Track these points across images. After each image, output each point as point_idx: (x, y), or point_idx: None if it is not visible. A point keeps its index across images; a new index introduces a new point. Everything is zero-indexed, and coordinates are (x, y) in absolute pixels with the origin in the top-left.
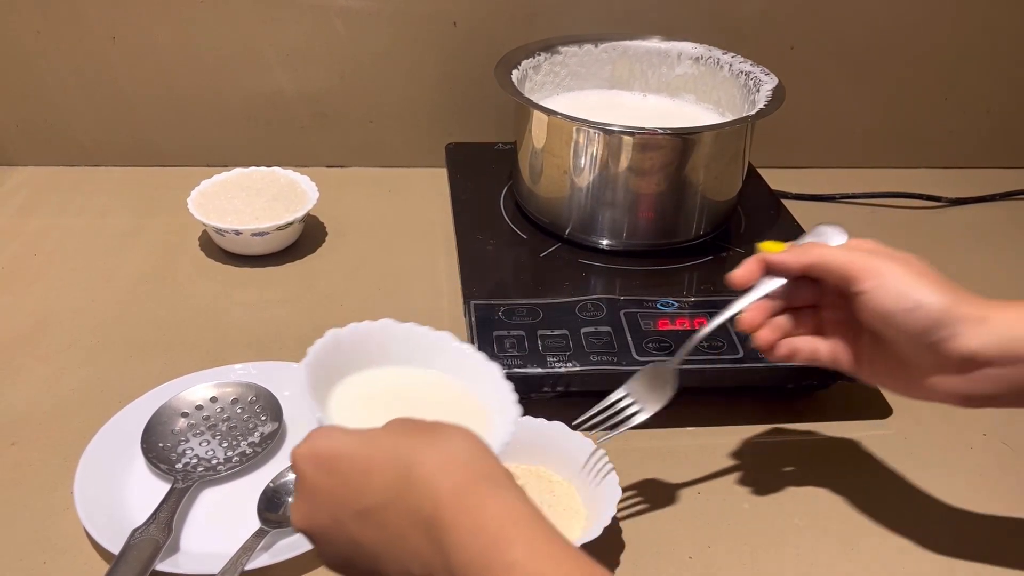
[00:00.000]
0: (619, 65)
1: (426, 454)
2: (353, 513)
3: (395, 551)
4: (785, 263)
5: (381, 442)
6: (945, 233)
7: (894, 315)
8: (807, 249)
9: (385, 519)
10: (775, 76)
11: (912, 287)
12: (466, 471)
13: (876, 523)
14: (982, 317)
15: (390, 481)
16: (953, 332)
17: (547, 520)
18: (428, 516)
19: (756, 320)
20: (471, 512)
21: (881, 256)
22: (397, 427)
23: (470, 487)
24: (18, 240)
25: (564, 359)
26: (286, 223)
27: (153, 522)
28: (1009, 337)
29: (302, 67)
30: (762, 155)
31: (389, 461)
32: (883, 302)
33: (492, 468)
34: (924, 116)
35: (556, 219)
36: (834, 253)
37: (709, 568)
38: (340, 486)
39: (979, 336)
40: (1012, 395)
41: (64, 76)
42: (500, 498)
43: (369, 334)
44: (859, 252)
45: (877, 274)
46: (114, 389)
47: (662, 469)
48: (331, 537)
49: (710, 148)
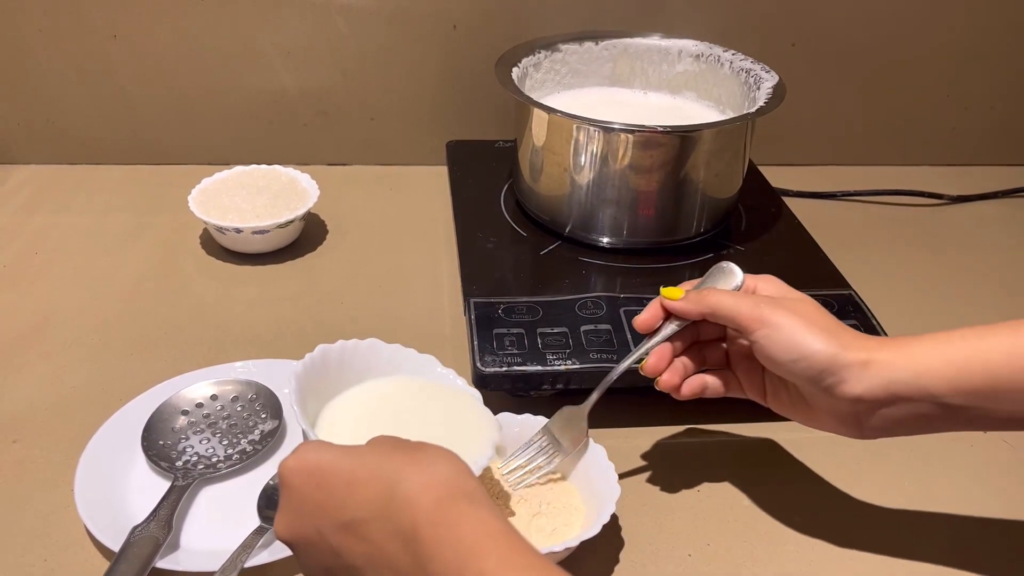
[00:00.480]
0: (620, 63)
1: (410, 472)
2: (336, 525)
3: (375, 564)
4: (683, 310)
5: (367, 459)
6: (947, 231)
7: (784, 364)
8: (702, 296)
9: (367, 532)
10: (776, 73)
11: (799, 337)
12: (446, 489)
13: (877, 520)
14: (865, 361)
15: (373, 496)
16: (839, 378)
17: (520, 536)
18: (408, 531)
19: (659, 366)
20: (449, 527)
21: (770, 305)
22: (383, 445)
23: (449, 504)
24: (20, 238)
25: (564, 357)
26: (287, 221)
27: (153, 520)
28: (889, 379)
29: (304, 65)
30: (763, 152)
31: (374, 477)
32: (771, 352)
33: (471, 487)
34: (926, 113)
35: (556, 217)
36: (725, 302)
37: (709, 566)
38: (326, 499)
39: (862, 381)
40: (904, 428)
41: (66, 74)
42: (476, 515)
43: (356, 351)
44: (749, 301)
45: (765, 324)
46: (115, 387)
47: (662, 467)
48: (313, 548)
49: (710, 146)
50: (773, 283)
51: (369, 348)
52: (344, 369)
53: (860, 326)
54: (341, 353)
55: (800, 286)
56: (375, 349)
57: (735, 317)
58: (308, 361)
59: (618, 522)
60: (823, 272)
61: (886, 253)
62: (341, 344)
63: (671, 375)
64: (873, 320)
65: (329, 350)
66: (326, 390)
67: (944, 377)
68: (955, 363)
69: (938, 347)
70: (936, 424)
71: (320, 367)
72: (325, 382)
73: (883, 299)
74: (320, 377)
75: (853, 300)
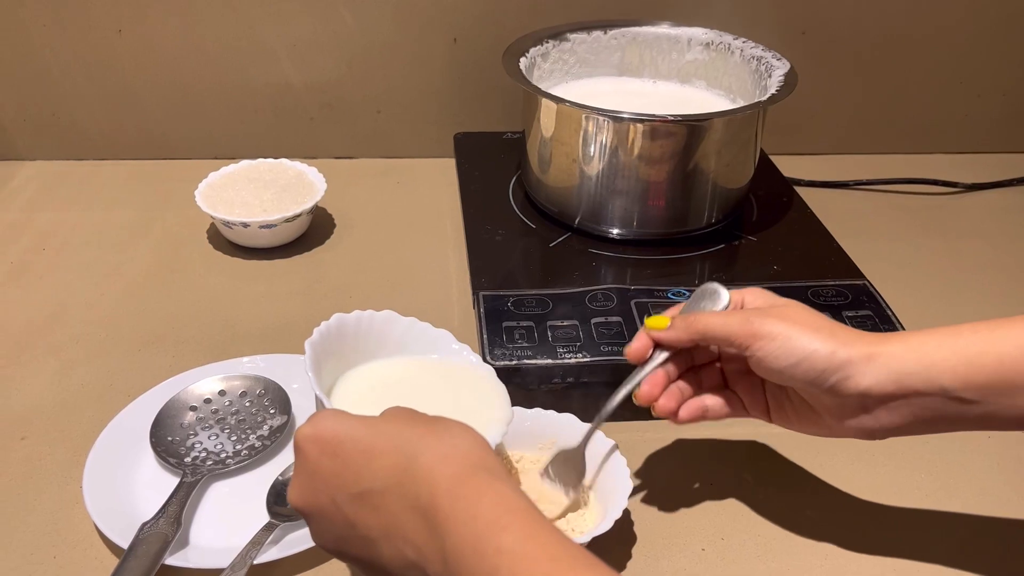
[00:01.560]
0: (629, 52)
1: (429, 444)
2: (351, 495)
3: (390, 535)
4: (672, 340)
5: (384, 428)
6: (962, 219)
7: (783, 371)
8: (689, 323)
9: (383, 503)
10: (787, 61)
11: (794, 341)
12: (465, 463)
13: (894, 517)
14: (869, 355)
15: (390, 467)
16: (844, 375)
17: (540, 513)
18: (426, 503)
19: (653, 393)
20: (467, 500)
21: (760, 317)
22: (400, 416)
23: (468, 478)
24: (27, 234)
25: (574, 350)
26: (294, 215)
27: (162, 516)
28: (898, 371)
29: (309, 58)
30: (775, 142)
31: (391, 448)
32: (770, 362)
33: (491, 462)
34: (939, 100)
35: (565, 208)
36: (714, 324)
37: (722, 560)
38: (341, 468)
39: (869, 374)
40: (914, 425)
41: (71, 70)
42: (495, 489)
43: (372, 323)
44: (738, 318)
45: (759, 336)
46: (123, 383)
47: (675, 460)
48: (327, 518)
49: (721, 135)
50: (760, 295)
51: (385, 320)
52: (359, 340)
53: (874, 317)
54: (357, 324)
55: (813, 276)
56: (391, 321)
57: (727, 337)
58: (324, 329)
59: (630, 517)
60: (837, 262)
61: (900, 243)
62: (357, 314)
63: (667, 400)
64: (888, 311)
65: (345, 320)
66: (340, 361)
67: (954, 369)
68: (966, 355)
69: (947, 339)
70: (948, 422)
71: (335, 337)
72: (340, 352)
73: (897, 289)
74: (335, 347)
75: (867, 291)
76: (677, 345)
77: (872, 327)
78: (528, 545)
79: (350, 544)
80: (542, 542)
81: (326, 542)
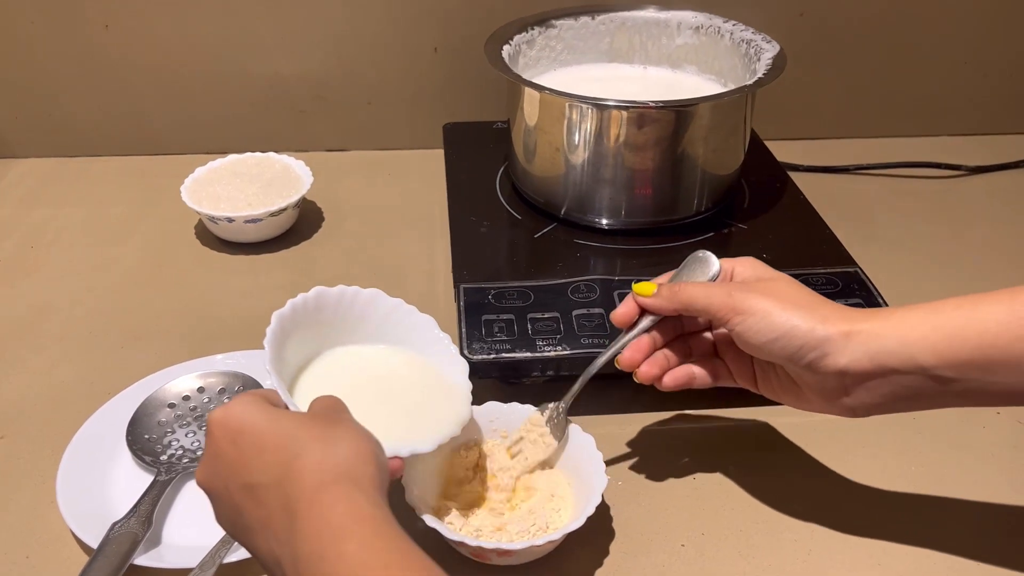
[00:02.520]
0: (618, 37)
1: (311, 448)
2: (241, 485)
3: (265, 530)
4: (656, 307)
5: (282, 426)
6: (966, 202)
7: (762, 346)
8: (675, 292)
9: (264, 498)
10: (776, 43)
11: (773, 317)
12: (335, 471)
13: (880, 506)
14: (847, 332)
15: (274, 464)
16: (822, 352)
17: (392, 523)
18: (292, 505)
19: (635, 359)
20: (323, 507)
21: (742, 291)
22: (304, 417)
23: (331, 485)
24: (18, 232)
25: (554, 343)
26: (279, 209)
27: (133, 515)
28: (876, 349)
29: (299, 50)
30: (772, 127)
31: (280, 446)
32: (749, 337)
33: (361, 473)
34: (942, 82)
35: (551, 199)
36: (697, 295)
37: (702, 556)
38: (237, 456)
39: (846, 352)
40: (895, 403)
41: (61, 66)
42: (353, 500)
43: (355, 300)
44: (721, 291)
45: (739, 311)
46: (105, 380)
47: (655, 454)
48: (222, 501)
49: (708, 120)
50: (751, 265)
51: (369, 299)
52: (339, 316)
53: (864, 304)
54: (339, 299)
55: (804, 264)
56: (375, 301)
57: (708, 309)
58: (299, 301)
59: (609, 512)
60: (828, 249)
61: (902, 228)
62: (341, 289)
63: (649, 366)
64: (879, 298)
65: (326, 294)
66: (314, 336)
67: (933, 347)
68: (945, 332)
69: (928, 316)
70: (928, 398)
71: (312, 310)
72: (316, 326)
73: (897, 276)
74: (312, 320)
75: (858, 278)
76: (661, 312)
77: None
78: (366, 553)
79: (237, 530)
80: (379, 549)
81: (222, 523)
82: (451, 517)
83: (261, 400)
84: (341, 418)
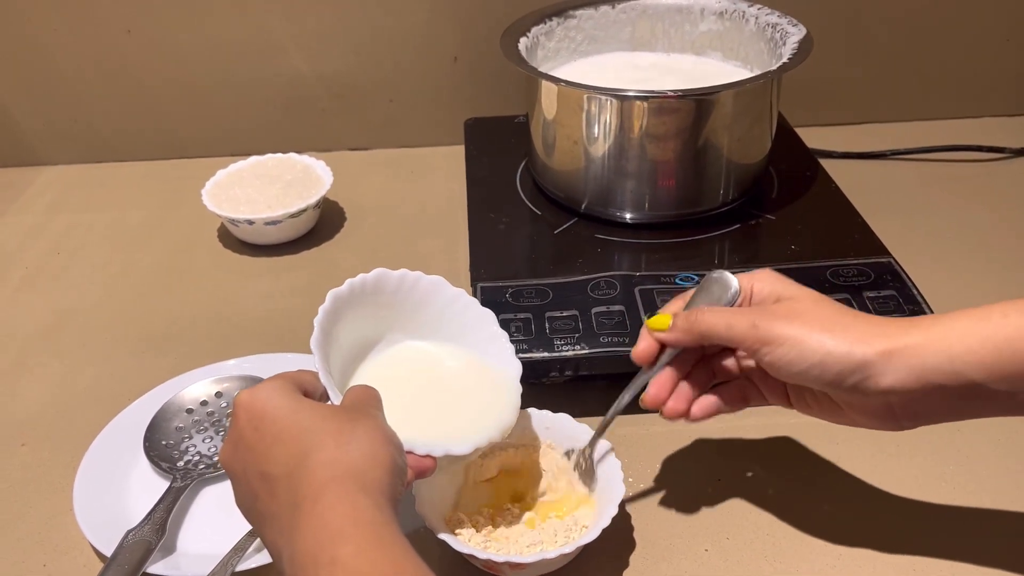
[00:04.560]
0: (639, 25)
1: (325, 445)
2: (258, 472)
3: (273, 521)
4: (675, 340)
5: (302, 418)
6: (1009, 187)
7: (797, 375)
8: (692, 324)
9: (276, 489)
10: (803, 27)
11: (806, 344)
12: (343, 471)
13: (915, 514)
14: (887, 352)
15: (289, 457)
16: (863, 375)
17: (394, 531)
18: (298, 500)
19: (660, 395)
20: (323, 506)
21: (767, 319)
22: (326, 411)
23: (335, 485)
24: (43, 239)
25: (572, 342)
26: (299, 210)
27: (148, 523)
28: (920, 367)
29: (318, 48)
30: (803, 112)
31: (297, 439)
32: (782, 367)
33: (370, 475)
34: (983, 60)
35: (572, 193)
36: (718, 326)
37: (727, 562)
38: (257, 443)
39: (888, 373)
40: (942, 415)
41: (85, 72)
42: (355, 502)
43: (416, 286)
44: (744, 319)
45: (766, 342)
46: (125, 386)
47: (677, 455)
48: (240, 484)
49: (731, 108)
50: (769, 279)
51: (431, 286)
52: (400, 300)
53: (898, 297)
54: (400, 283)
55: (834, 255)
56: (436, 289)
57: (731, 340)
58: (358, 282)
59: (629, 516)
60: (860, 239)
61: (939, 216)
62: (403, 273)
63: (676, 402)
64: (913, 290)
65: (386, 276)
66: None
67: (981, 361)
68: (995, 344)
69: (974, 326)
70: (979, 410)
71: (371, 293)
72: (376, 308)
73: (932, 267)
74: (370, 302)
75: (891, 268)
76: (680, 346)
77: (895, 307)
78: (359, 560)
79: (252, 515)
80: (373, 558)
81: (240, 505)
82: (463, 528)
83: (289, 386)
84: (366, 414)
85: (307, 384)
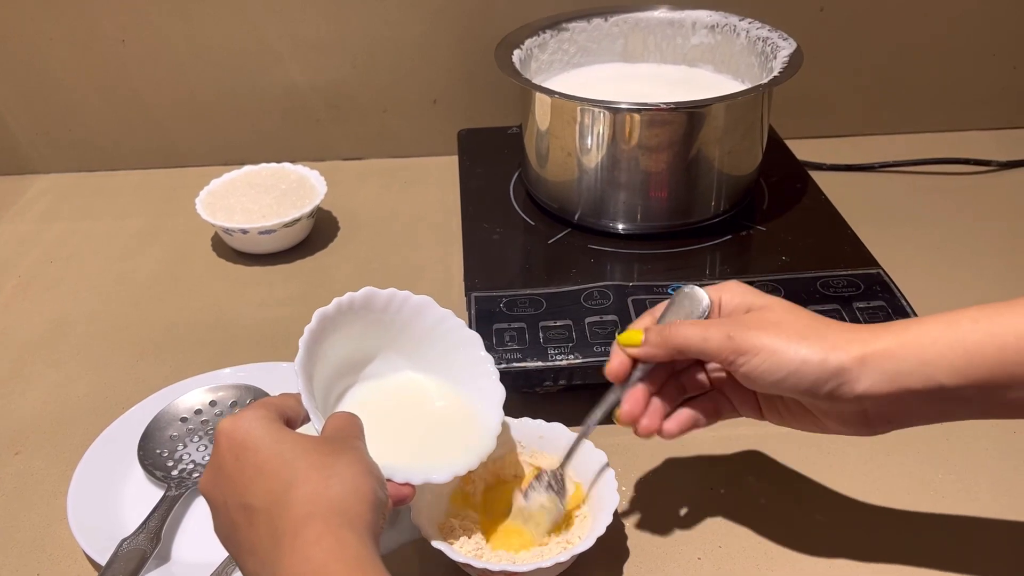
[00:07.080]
0: (632, 38)
1: (308, 478)
2: (239, 504)
3: (252, 553)
4: (648, 355)
5: (284, 449)
6: (997, 199)
7: (772, 385)
8: (666, 338)
9: (256, 521)
10: (793, 41)
11: (781, 353)
12: (326, 506)
13: (908, 522)
14: (861, 357)
15: (270, 490)
16: (839, 382)
17: (379, 566)
18: (279, 534)
19: (634, 412)
20: (306, 542)
21: (741, 330)
22: (308, 443)
23: (318, 520)
24: (38, 248)
25: (566, 351)
26: (292, 219)
27: (142, 531)
28: (893, 370)
29: (314, 59)
30: (794, 125)
31: (278, 472)
32: (757, 376)
33: (354, 511)
34: (971, 75)
35: (565, 204)
36: (693, 339)
37: (719, 570)
38: (237, 474)
39: (863, 378)
40: (916, 419)
41: (80, 81)
42: (339, 538)
43: (404, 306)
44: (718, 331)
45: (741, 351)
46: (119, 395)
47: (670, 463)
48: (220, 512)
49: (722, 121)
50: (738, 291)
51: (418, 306)
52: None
53: (887, 307)
54: (388, 302)
55: (824, 266)
56: (423, 310)
57: (706, 352)
58: (346, 300)
59: (623, 524)
60: (850, 251)
61: (927, 227)
62: (391, 292)
63: (649, 419)
64: (902, 300)
65: (376, 295)
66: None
67: (951, 365)
68: (964, 348)
69: (945, 331)
70: (950, 413)
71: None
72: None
73: (921, 278)
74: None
75: (880, 279)
76: (654, 360)
77: (884, 318)
78: None
79: (230, 544)
80: None
81: (219, 532)
82: (457, 537)
83: (272, 414)
84: (349, 446)
85: (290, 410)
